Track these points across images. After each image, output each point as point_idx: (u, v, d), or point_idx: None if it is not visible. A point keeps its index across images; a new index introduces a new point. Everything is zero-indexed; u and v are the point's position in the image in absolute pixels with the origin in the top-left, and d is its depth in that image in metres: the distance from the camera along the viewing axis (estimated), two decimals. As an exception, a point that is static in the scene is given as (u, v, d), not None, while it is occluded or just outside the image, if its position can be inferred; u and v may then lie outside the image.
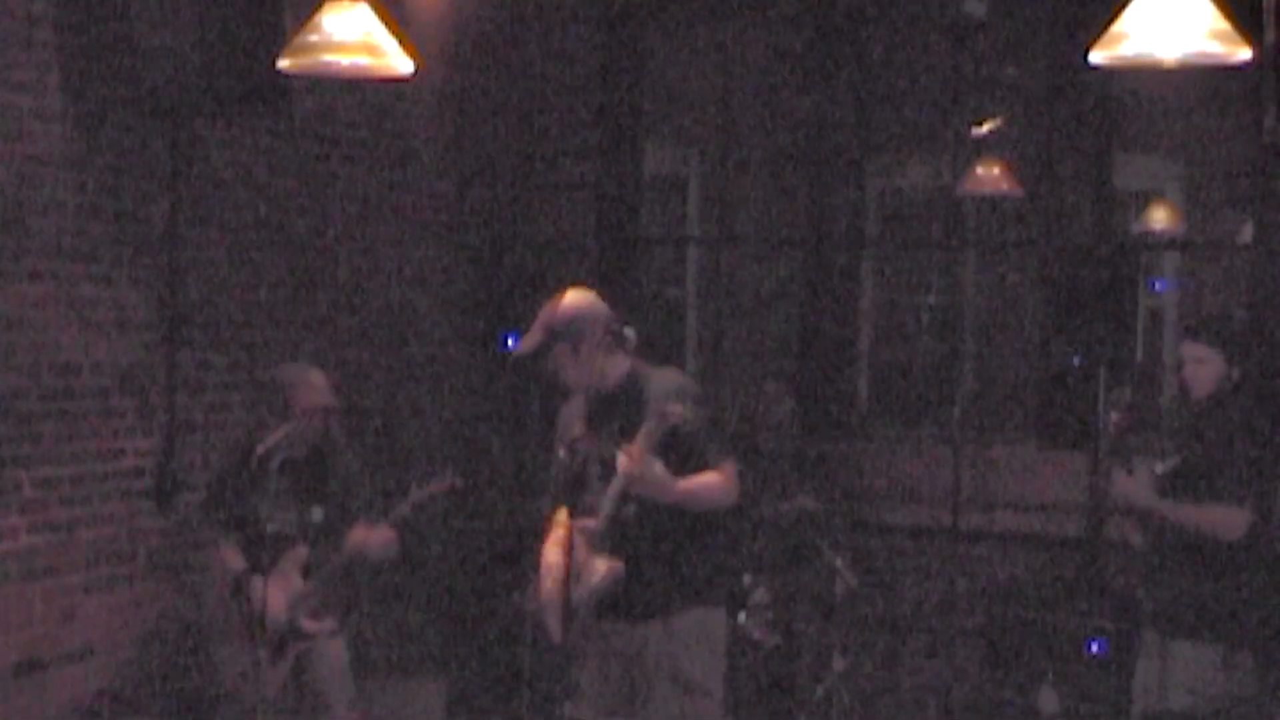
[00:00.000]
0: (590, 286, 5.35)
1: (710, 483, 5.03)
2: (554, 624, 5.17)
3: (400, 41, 5.34)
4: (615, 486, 4.98)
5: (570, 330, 5.14)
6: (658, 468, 4.91)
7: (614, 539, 5.03)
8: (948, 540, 7.50)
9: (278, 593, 5.88)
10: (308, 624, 5.92)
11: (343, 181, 7.63)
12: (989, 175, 9.71)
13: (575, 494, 5.21)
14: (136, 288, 6.50)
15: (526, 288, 8.52)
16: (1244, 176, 9.11)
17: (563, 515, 5.24)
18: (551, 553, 5.16)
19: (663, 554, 5.05)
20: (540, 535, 5.32)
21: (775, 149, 9.83)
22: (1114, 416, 5.67)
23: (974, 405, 9.46)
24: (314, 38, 5.25)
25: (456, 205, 8.38)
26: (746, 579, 6.93)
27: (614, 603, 5.06)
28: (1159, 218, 10.52)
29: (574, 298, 5.24)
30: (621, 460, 4.92)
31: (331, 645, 6.04)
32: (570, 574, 5.08)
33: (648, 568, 5.03)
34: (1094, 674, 6.69)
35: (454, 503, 6.00)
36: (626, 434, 4.99)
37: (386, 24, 5.30)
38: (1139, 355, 9.38)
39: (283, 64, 5.41)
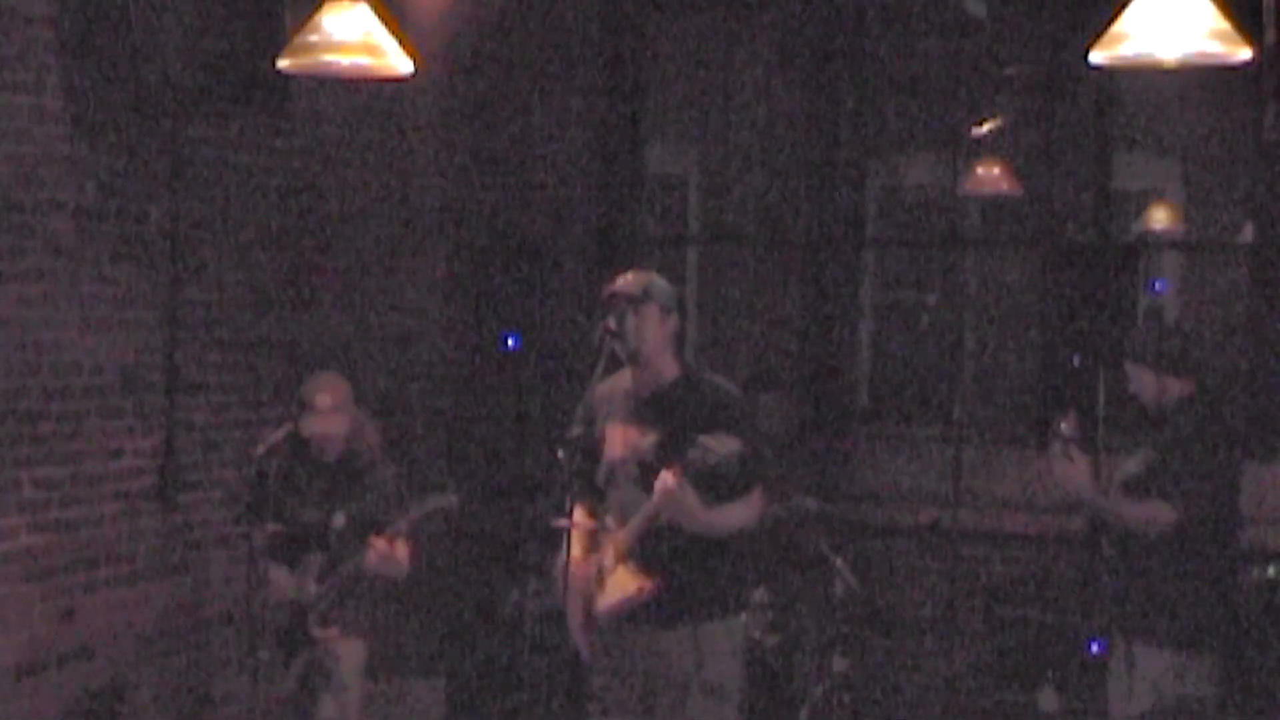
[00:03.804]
0: (590, 286, 5.34)
1: (736, 512, 5.06)
2: (581, 638, 5.16)
3: (400, 41, 5.34)
4: (651, 506, 4.96)
5: (642, 293, 5.08)
6: (692, 498, 4.91)
7: (644, 550, 5.02)
8: (948, 540, 7.49)
9: (291, 596, 5.88)
10: (316, 630, 5.91)
11: (343, 181, 7.63)
12: (989, 175, 9.71)
13: (595, 492, 5.19)
14: (136, 288, 6.50)
15: (526, 288, 8.52)
16: (1244, 176, 9.11)
17: (580, 515, 5.22)
18: (577, 561, 5.14)
19: (692, 564, 5.04)
20: (545, 536, 5.30)
21: (775, 149, 9.83)
22: (1071, 419, 5.84)
23: (974, 405, 9.46)
24: (314, 38, 5.26)
25: (456, 205, 8.38)
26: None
27: (641, 610, 5.06)
28: (1159, 218, 10.53)
29: (641, 271, 5.23)
30: (660, 484, 4.90)
31: (345, 650, 6.01)
32: (591, 579, 5.07)
33: (676, 577, 5.03)
34: (1094, 674, 6.69)
35: (452, 519, 5.98)
36: (674, 441, 4.98)
37: (386, 24, 5.30)
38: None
39: (283, 64, 5.42)
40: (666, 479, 4.87)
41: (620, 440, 5.14)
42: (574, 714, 6.77)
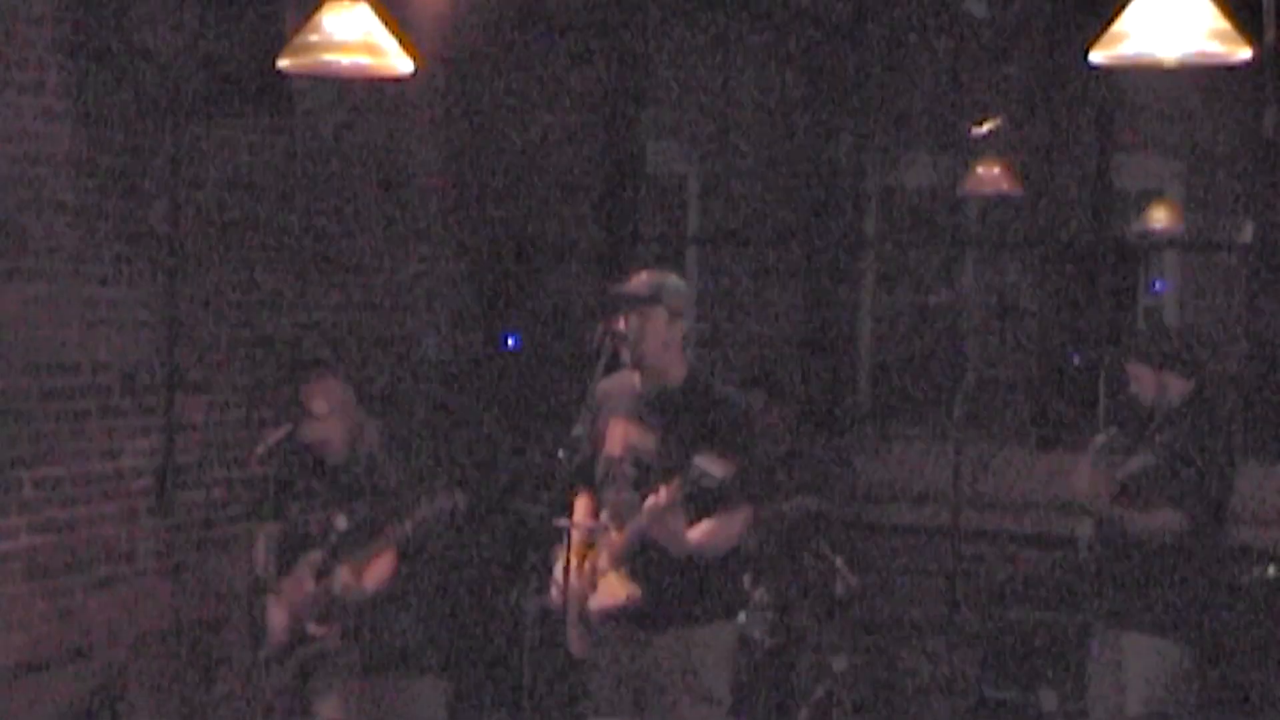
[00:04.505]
0: (590, 286, 5.32)
1: (720, 536, 5.03)
2: (574, 636, 5.16)
3: (400, 41, 5.34)
4: (639, 523, 4.96)
5: (649, 295, 5.05)
6: (678, 525, 4.90)
7: (636, 557, 5.02)
8: (948, 540, 7.49)
9: (287, 595, 5.90)
10: (313, 628, 5.92)
11: (343, 181, 7.64)
12: (989, 175, 9.72)
13: (594, 486, 5.19)
14: (136, 288, 6.50)
15: (526, 288, 8.52)
16: (1244, 176, 9.11)
17: (581, 511, 5.21)
18: (574, 559, 5.13)
19: (683, 571, 5.04)
20: (545, 536, 5.31)
21: (775, 149, 9.84)
22: (1109, 433, 5.92)
23: (974, 405, 9.46)
24: (314, 38, 5.26)
25: (456, 205, 8.38)
26: (746, 579, 6.93)
27: (633, 614, 5.06)
28: (1159, 218, 10.53)
29: (656, 272, 5.19)
30: (649, 506, 4.90)
31: (342, 647, 6.03)
32: (585, 579, 5.07)
33: (667, 583, 5.02)
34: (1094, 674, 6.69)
35: (459, 519, 6.00)
36: (673, 446, 4.98)
37: (386, 24, 5.30)
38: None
39: (283, 64, 5.42)
40: (656, 503, 4.87)
41: (620, 438, 5.13)
42: (573, 714, 6.77)
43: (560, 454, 5.15)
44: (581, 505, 5.25)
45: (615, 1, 8.78)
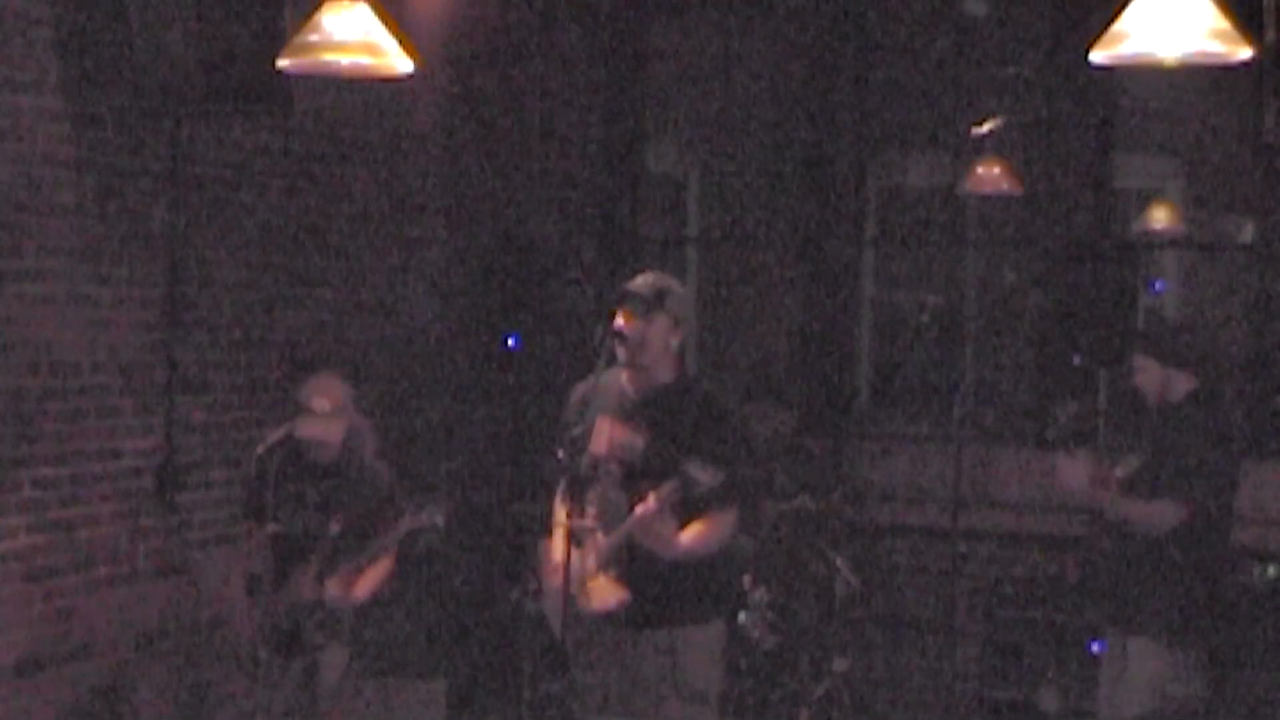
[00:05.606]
0: (590, 287, 5.33)
1: (707, 538, 5.05)
2: (557, 626, 5.17)
3: (400, 41, 5.34)
4: (627, 527, 4.97)
5: (655, 299, 5.06)
6: (667, 529, 4.92)
7: (623, 560, 5.03)
8: (948, 540, 7.50)
9: (287, 597, 5.89)
10: (318, 635, 5.91)
11: (343, 181, 7.64)
12: (989, 174, 9.69)
13: (582, 489, 5.19)
14: (136, 288, 6.50)
15: (526, 288, 8.52)
16: (1244, 176, 9.11)
17: (562, 515, 5.23)
18: (556, 553, 5.14)
19: (670, 573, 5.05)
20: (544, 536, 5.32)
21: (775, 149, 9.84)
22: (1071, 408, 5.91)
23: (974, 405, 9.46)
24: (314, 38, 5.26)
25: (456, 205, 8.38)
26: (746, 579, 6.93)
27: (621, 614, 5.07)
28: (1159, 218, 10.53)
29: (662, 275, 5.22)
30: (639, 511, 4.91)
31: (336, 653, 6.02)
32: (572, 577, 5.07)
33: (655, 584, 5.03)
34: (1094, 674, 6.69)
35: (438, 536, 6.00)
36: (660, 448, 4.97)
37: (386, 24, 5.30)
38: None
39: (283, 64, 5.42)
40: (646, 508, 4.88)
41: (607, 436, 5.14)
42: (569, 714, 6.78)
43: (559, 454, 5.16)
44: (564, 502, 5.26)
45: (615, 1, 8.78)
